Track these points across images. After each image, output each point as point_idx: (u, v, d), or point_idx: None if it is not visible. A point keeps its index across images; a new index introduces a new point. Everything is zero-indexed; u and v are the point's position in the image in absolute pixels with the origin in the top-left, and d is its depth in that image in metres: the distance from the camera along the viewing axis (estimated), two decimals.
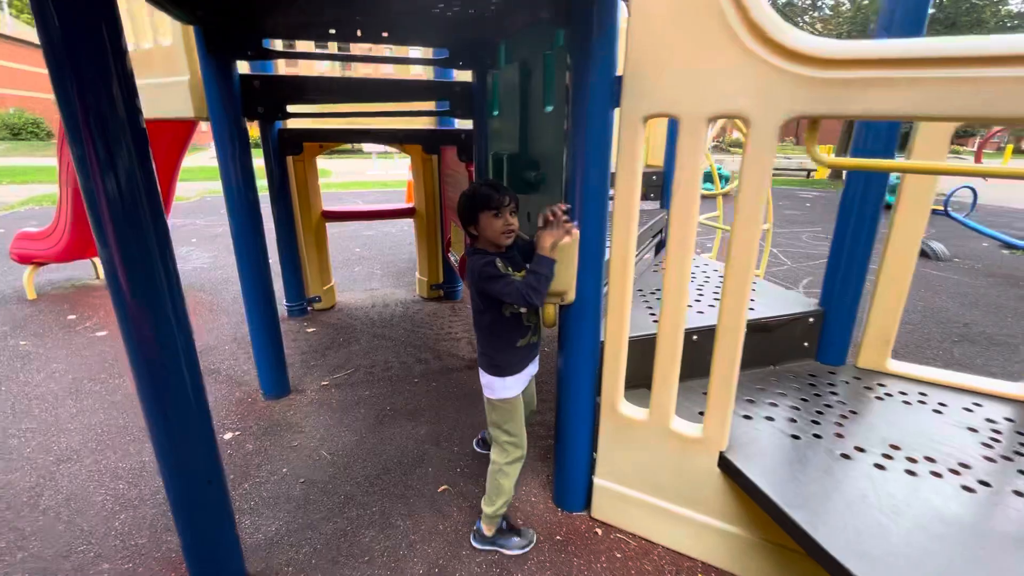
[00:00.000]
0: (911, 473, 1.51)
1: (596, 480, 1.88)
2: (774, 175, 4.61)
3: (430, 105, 3.38)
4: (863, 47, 1.13)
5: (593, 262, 1.65)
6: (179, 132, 3.77)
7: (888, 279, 2.03)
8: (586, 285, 1.67)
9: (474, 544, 1.78)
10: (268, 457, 2.28)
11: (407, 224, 7.25)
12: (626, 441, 1.77)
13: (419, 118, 3.74)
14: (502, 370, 1.64)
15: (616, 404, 1.74)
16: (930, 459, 1.58)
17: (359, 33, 2.32)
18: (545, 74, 1.78)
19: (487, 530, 1.77)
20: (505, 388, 1.65)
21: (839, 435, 1.70)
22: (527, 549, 1.77)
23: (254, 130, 3.38)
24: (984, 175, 1.35)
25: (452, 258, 3.73)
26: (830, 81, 1.18)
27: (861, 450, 1.62)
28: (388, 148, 19.89)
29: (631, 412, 1.73)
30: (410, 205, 4.25)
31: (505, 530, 1.79)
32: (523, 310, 1.62)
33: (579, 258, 1.64)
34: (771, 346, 2.15)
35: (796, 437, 1.68)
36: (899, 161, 1.40)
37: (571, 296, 1.67)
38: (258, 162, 2.82)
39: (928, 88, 1.08)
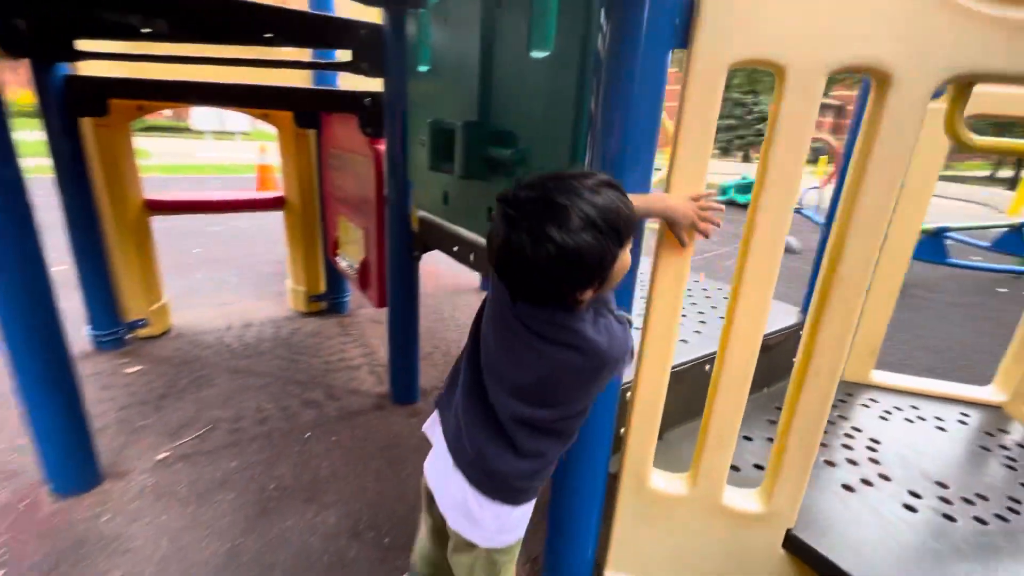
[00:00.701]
0: (980, 521, 1.31)
1: (608, 574, 1.38)
2: None
3: (305, 55, 2.49)
4: None
5: (625, 276, 1.14)
6: None
7: (879, 286, 1.88)
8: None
9: None
10: None
11: (269, 217, 5.94)
12: (655, 522, 1.30)
13: (289, 75, 2.79)
14: (533, 492, 1.02)
15: (646, 476, 1.25)
16: (982, 496, 1.40)
17: None
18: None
19: None
20: (524, 520, 1.04)
21: (884, 476, 1.45)
22: None
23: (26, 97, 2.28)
24: None
25: (341, 263, 2.92)
26: None
27: (917, 495, 1.38)
28: (225, 126, 17.00)
29: (666, 486, 1.26)
30: (278, 194, 3.28)
31: None
32: None
33: None
34: (767, 366, 1.87)
35: (849, 488, 1.38)
36: None
37: None
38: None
39: None
